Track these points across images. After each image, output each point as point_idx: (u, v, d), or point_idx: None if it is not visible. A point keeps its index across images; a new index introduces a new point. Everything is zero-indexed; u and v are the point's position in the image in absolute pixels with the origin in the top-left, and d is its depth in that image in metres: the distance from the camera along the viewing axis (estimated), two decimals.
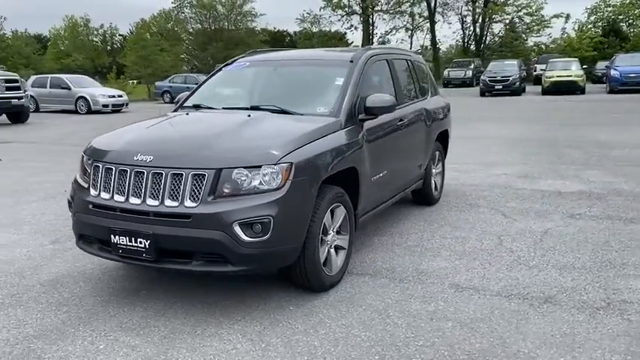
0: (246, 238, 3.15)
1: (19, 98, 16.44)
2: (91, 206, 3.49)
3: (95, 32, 72.13)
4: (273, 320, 3.34)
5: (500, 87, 25.91)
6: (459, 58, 43.02)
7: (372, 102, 4.16)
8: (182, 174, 3.21)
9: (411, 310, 3.47)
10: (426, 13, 46.17)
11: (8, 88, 16.15)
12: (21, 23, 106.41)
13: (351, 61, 4.49)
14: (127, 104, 23.01)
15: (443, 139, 6.30)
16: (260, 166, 3.24)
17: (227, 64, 5.10)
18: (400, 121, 4.84)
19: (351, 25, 48.77)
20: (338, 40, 48.26)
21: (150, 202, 3.26)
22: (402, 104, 5.04)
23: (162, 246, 3.23)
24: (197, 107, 4.53)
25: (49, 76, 23.53)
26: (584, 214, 5.62)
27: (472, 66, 37.19)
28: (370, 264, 4.31)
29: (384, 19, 47.42)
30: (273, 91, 4.60)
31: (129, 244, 3.29)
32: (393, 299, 3.64)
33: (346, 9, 46.86)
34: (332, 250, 3.79)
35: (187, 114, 4.32)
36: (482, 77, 27.49)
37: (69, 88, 21.84)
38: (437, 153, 6.11)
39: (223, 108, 4.38)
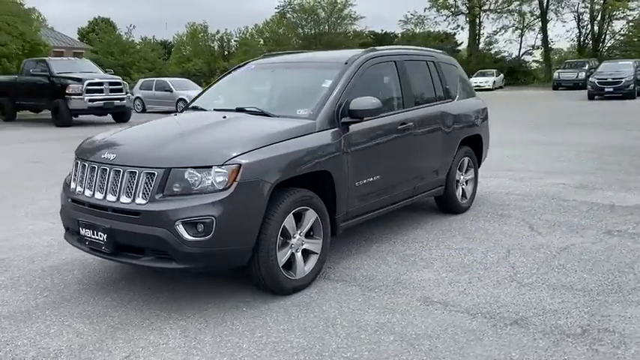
0: (189, 237, 3.22)
1: (121, 99, 17.89)
2: (69, 200, 3.75)
3: (212, 38, 76.79)
4: (220, 319, 3.38)
5: (611, 89, 23.84)
6: (574, 58, 40.16)
7: (355, 105, 4.06)
8: (136, 172, 3.36)
9: (362, 320, 3.35)
10: (538, 11, 43.62)
11: (112, 90, 17.64)
12: (150, 31, 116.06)
13: (346, 63, 4.41)
14: None
15: (474, 144, 5.96)
16: (211, 167, 3.30)
17: (238, 67, 5.23)
18: (402, 125, 4.66)
19: (458, 26, 47.42)
20: (441, 40, 47.07)
21: (109, 197, 3.45)
22: (410, 107, 4.86)
23: (117, 240, 3.40)
24: (195, 109, 4.69)
25: (155, 79, 25.36)
26: (625, 232, 5.05)
27: (586, 67, 34.59)
28: (353, 270, 4.20)
29: (492, 19, 45.49)
30: (264, 93, 4.65)
31: (92, 236, 3.50)
32: (350, 308, 3.52)
33: (452, 9, 45.56)
34: (298, 254, 3.75)
35: (175, 115, 4.50)
36: (590, 79, 25.49)
37: (171, 91, 23.37)
38: (466, 159, 5.80)
39: (214, 109, 4.49)
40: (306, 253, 3.86)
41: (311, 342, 3.08)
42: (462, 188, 5.84)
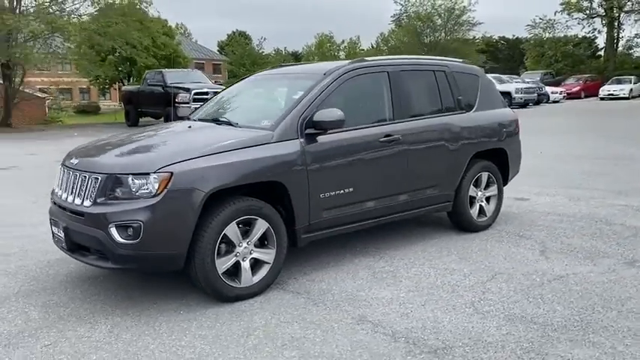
0: (121, 240, 3.43)
1: None
2: (52, 202, 4.16)
3: (337, 47, 78.78)
4: (152, 319, 3.55)
5: None
6: None
7: (319, 116, 4.04)
8: (87, 176, 3.66)
9: (280, 333, 3.32)
10: None
11: None
12: (283, 42, 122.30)
13: (325, 74, 4.39)
14: None
15: (498, 159, 5.56)
16: (148, 174, 3.49)
17: (243, 78, 5.41)
18: (387, 137, 4.51)
19: (594, 29, 43.72)
20: (574, 45, 43.73)
21: (69, 198, 3.78)
22: (401, 119, 4.68)
23: (71, 238, 3.72)
24: (187, 118, 4.94)
25: None
26: None
27: None
28: (316, 283, 4.16)
29: (634, 20, 41.29)
30: (244, 104, 4.77)
31: (57, 233, 3.87)
32: (280, 320, 3.51)
33: (587, 11, 42.13)
34: (244, 263, 3.81)
35: (158, 124, 4.77)
36: None
37: None
38: (484, 174, 5.43)
39: (199, 119, 4.69)
40: (259, 263, 3.91)
41: (213, 349, 3.14)
42: (480, 205, 5.47)
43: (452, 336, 3.26)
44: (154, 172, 3.46)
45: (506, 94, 28.27)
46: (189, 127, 4.25)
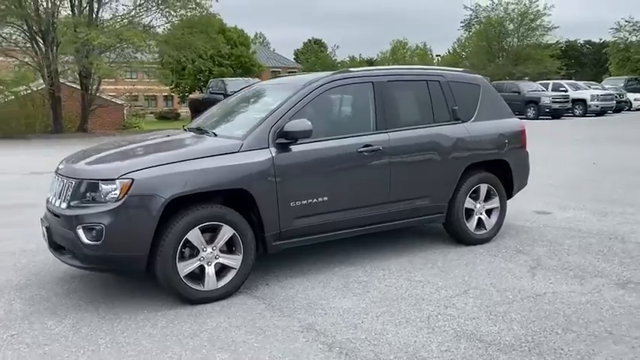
0: (86, 241, 3.68)
1: None
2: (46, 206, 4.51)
3: (411, 53, 78.21)
4: (115, 317, 3.75)
5: None
6: None
7: (289, 127, 4.13)
8: (65, 181, 3.95)
9: (223, 337, 3.43)
10: None
11: None
12: (359, 49, 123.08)
13: (304, 85, 4.47)
14: None
15: (500, 171, 5.39)
16: (114, 180, 3.73)
17: (246, 87, 5.61)
18: (366, 147, 4.51)
19: None
20: None
21: (52, 200, 4.10)
22: (385, 130, 4.66)
23: (51, 237, 4.03)
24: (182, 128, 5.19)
25: None
26: None
27: None
28: (283, 290, 4.23)
29: None
30: (232, 114, 4.94)
31: (44, 232, 4.20)
32: (231, 324, 3.62)
33: None
34: (209, 268, 3.95)
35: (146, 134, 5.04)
36: None
37: None
38: (483, 186, 5.27)
39: (188, 129, 4.92)
40: (226, 268, 4.04)
41: (155, 348, 3.29)
42: (479, 218, 5.32)
43: (388, 349, 3.24)
44: (117, 179, 3.69)
45: (581, 102, 26.99)
46: (167, 135, 4.48)
